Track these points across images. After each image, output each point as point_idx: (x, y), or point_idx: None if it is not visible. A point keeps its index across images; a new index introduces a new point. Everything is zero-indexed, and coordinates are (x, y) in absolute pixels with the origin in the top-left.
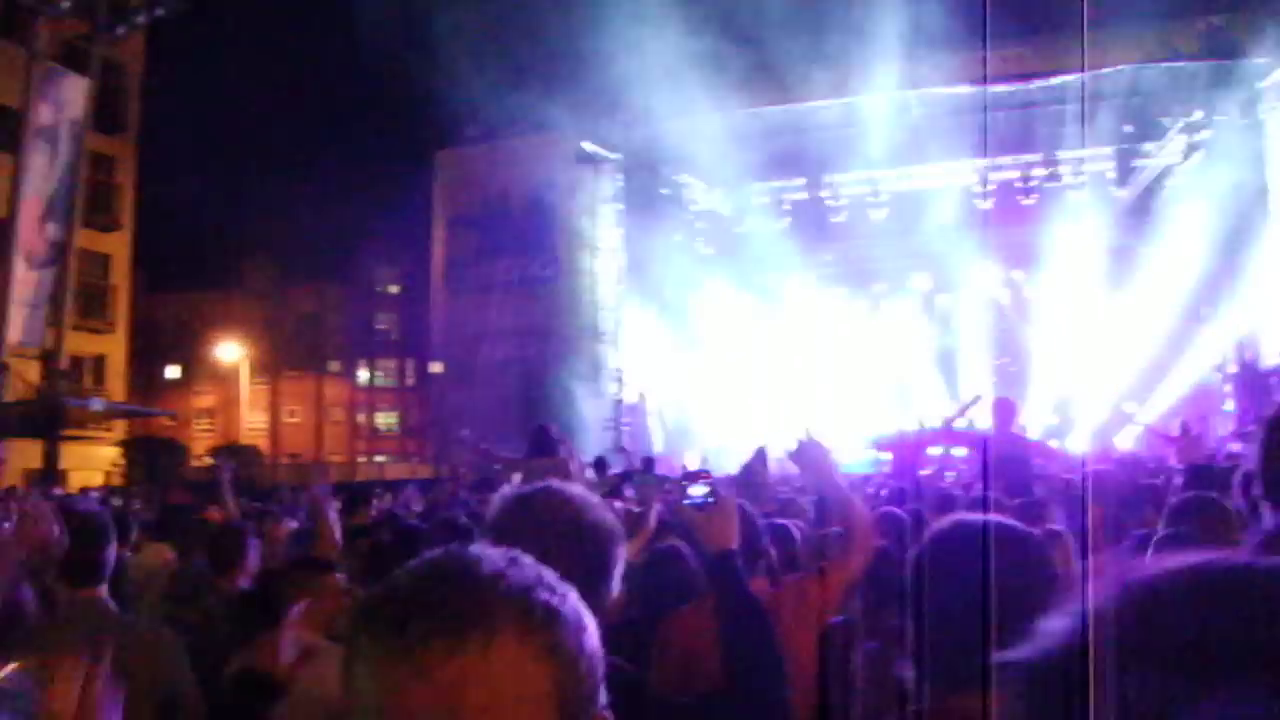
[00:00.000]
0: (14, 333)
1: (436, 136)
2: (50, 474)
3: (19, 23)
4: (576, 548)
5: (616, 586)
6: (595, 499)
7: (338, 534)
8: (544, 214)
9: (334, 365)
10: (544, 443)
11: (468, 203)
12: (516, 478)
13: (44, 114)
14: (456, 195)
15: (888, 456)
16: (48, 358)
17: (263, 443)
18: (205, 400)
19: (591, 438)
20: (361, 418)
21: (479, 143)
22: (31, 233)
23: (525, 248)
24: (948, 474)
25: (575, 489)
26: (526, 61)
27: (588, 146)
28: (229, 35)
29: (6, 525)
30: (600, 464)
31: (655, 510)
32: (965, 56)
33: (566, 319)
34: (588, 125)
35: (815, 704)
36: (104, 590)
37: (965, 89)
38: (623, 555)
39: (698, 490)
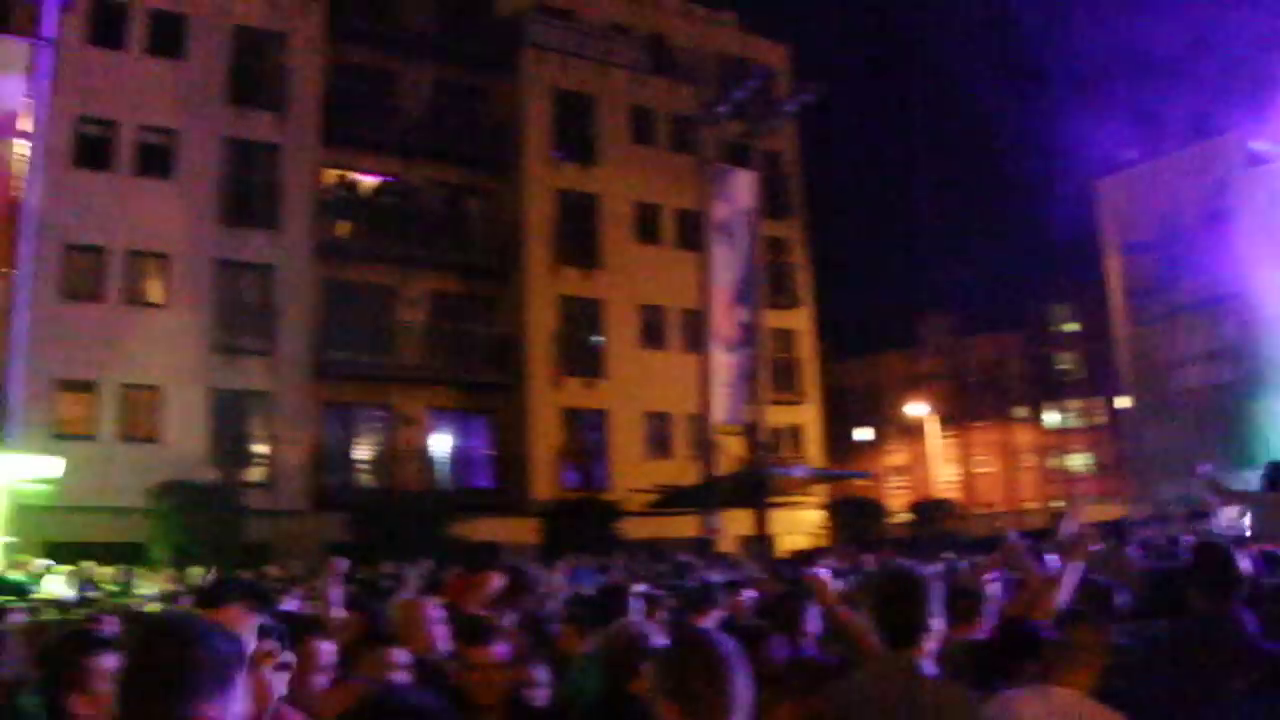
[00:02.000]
0: (718, 412)
1: (1092, 166)
2: (761, 539)
3: (687, 135)
4: None
5: None
6: None
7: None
8: (1221, 224)
9: (1020, 411)
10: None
11: (1137, 226)
12: (1230, 512)
13: (720, 210)
14: (1123, 221)
15: None
16: (750, 432)
17: (956, 495)
18: (896, 458)
19: None
20: (1052, 461)
21: (1139, 162)
22: (724, 319)
23: (1206, 264)
24: None
25: None
26: (1182, 67)
27: (1258, 146)
28: (868, 105)
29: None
30: None
31: None
32: None
33: (1262, 336)
34: (1256, 123)
35: None
36: (920, 651)
37: None
38: None
39: None
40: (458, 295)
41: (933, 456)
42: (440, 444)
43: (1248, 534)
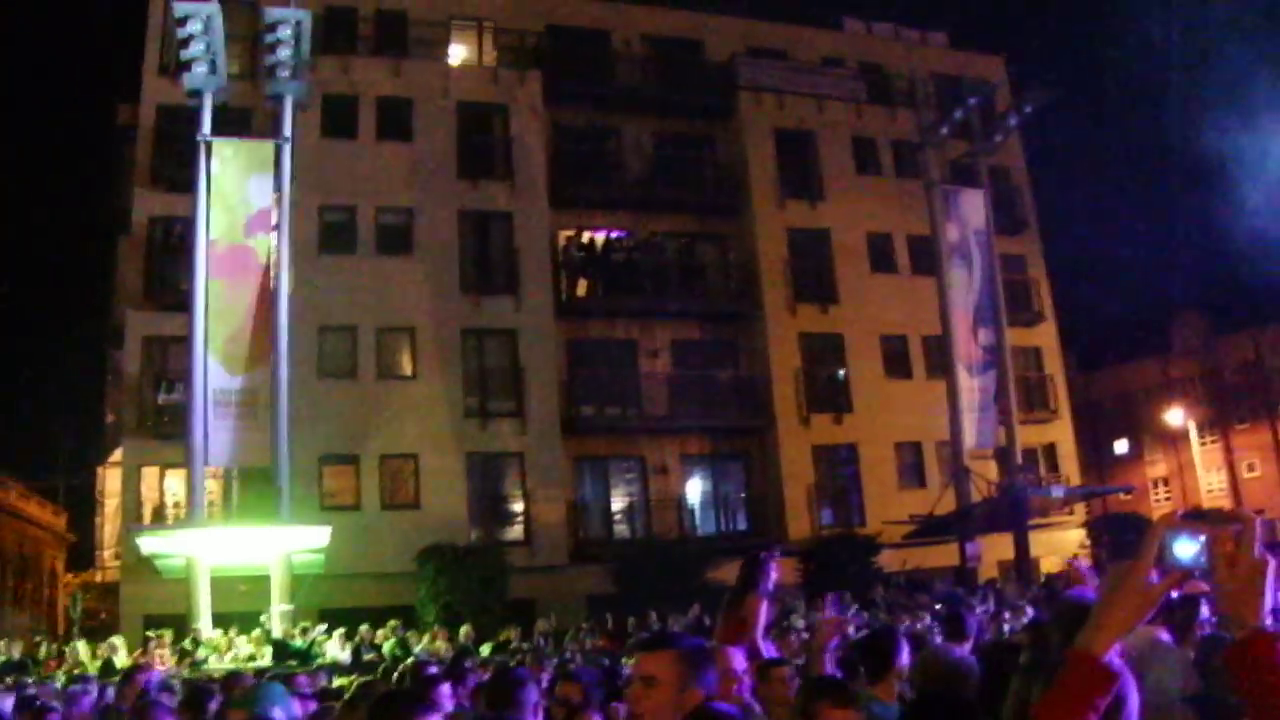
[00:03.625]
0: (969, 437)
1: None
2: (1023, 563)
3: (911, 160)
4: None
5: None
6: None
7: None
8: None
9: None
10: None
11: None
12: None
13: (952, 232)
14: None
15: None
16: (1003, 454)
17: (1225, 502)
18: (1156, 469)
19: None
20: None
21: None
22: (966, 343)
23: None
24: None
25: None
26: None
27: None
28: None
29: None
30: None
31: None
32: None
33: None
34: None
35: None
36: None
37: None
38: None
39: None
40: (699, 342)
41: (1195, 464)
42: (694, 491)
43: None
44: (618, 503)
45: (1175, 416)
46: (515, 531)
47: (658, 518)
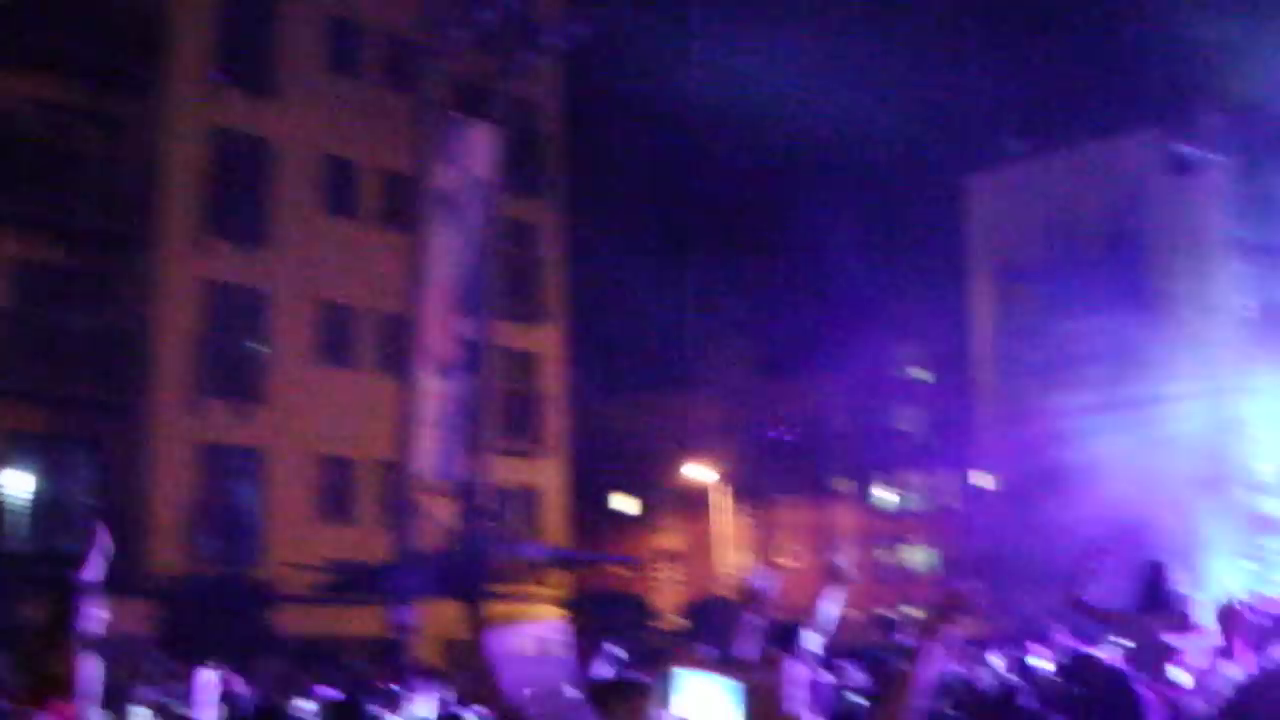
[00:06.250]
0: (422, 461)
1: (963, 158)
2: (474, 647)
3: (406, 66)
4: None
5: None
6: None
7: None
8: (1127, 246)
9: (841, 484)
10: (1159, 589)
11: (1016, 243)
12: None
13: (445, 176)
14: (998, 234)
15: None
16: (466, 493)
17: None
18: (670, 539)
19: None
20: (881, 554)
21: (1023, 160)
22: (438, 331)
23: (1110, 296)
24: None
25: None
26: (1091, 43)
27: (1181, 148)
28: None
29: None
30: None
31: None
32: None
33: (1184, 403)
34: (1177, 118)
35: None
36: None
37: None
38: None
39: None
40: (55, 268)
41: (721, 539)
42: (17, 485)
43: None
44: None
45: (699, 474)
46: None
47: None
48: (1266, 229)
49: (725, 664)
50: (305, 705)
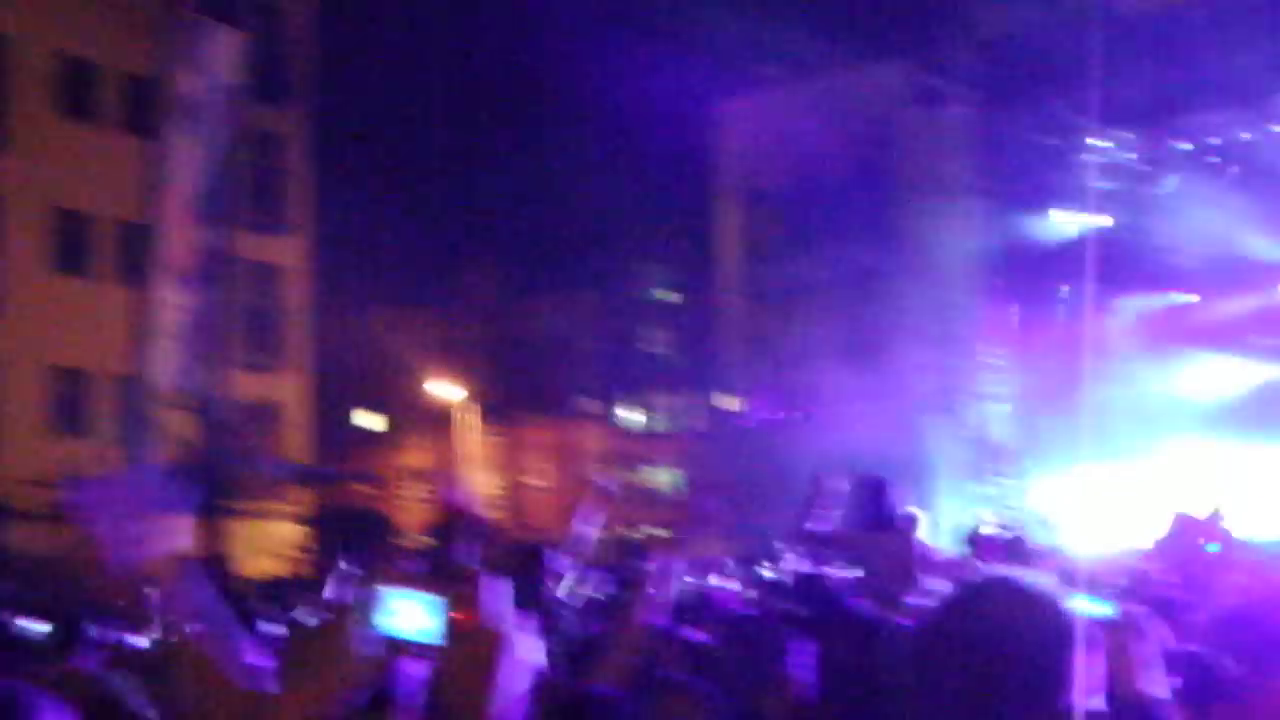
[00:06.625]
0: (160, 374)
1: (715, 84)
2: (213, 561)
3: None
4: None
5: None
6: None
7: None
8: (873, 178)
9: (589, 405)
10: (881, 506)
11: (765, 170)
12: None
13: (187, 81)
14: (747, 161)
15: None
16: (205, 407)
17: (497, 514)
18: (416, 458)
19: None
20: (628, 475)
21: (774, 87)
22: (178, 240)
23: (850, 229)
24: None
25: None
26: None
27: (927, 80)
28: None
29: None
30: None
31: None
32: None
33: (918, 329)
34: (923, 49)
35: None
36: None
37: None
38: None
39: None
40: None
41: (468, 458)
42: None
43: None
44: None
45: (447, 392)
46: None
47: None
48: (1001, 169)
49: (432, 579)
50: (34, 626)
